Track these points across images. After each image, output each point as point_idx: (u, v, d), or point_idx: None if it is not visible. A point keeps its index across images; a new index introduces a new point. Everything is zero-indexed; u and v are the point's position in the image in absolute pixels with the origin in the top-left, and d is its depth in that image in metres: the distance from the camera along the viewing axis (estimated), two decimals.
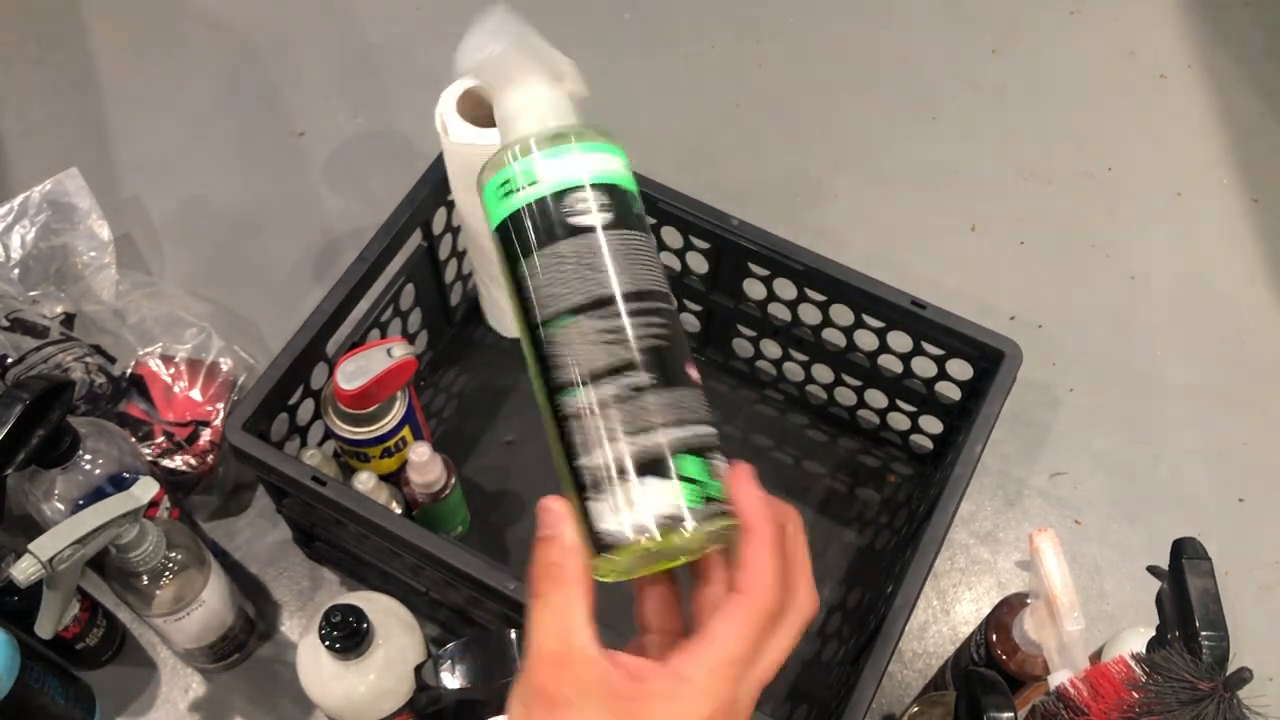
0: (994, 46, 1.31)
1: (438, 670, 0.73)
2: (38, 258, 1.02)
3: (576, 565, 0.36)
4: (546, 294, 0.38)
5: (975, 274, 1.13)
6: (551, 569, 0.36)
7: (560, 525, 0.36)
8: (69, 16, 1.31)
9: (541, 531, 0.36)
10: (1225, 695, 0.54)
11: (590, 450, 0.37)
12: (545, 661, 0.35)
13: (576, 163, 0.40)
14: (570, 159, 0.40)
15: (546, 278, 0.38)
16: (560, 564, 0.35)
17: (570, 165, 0.40)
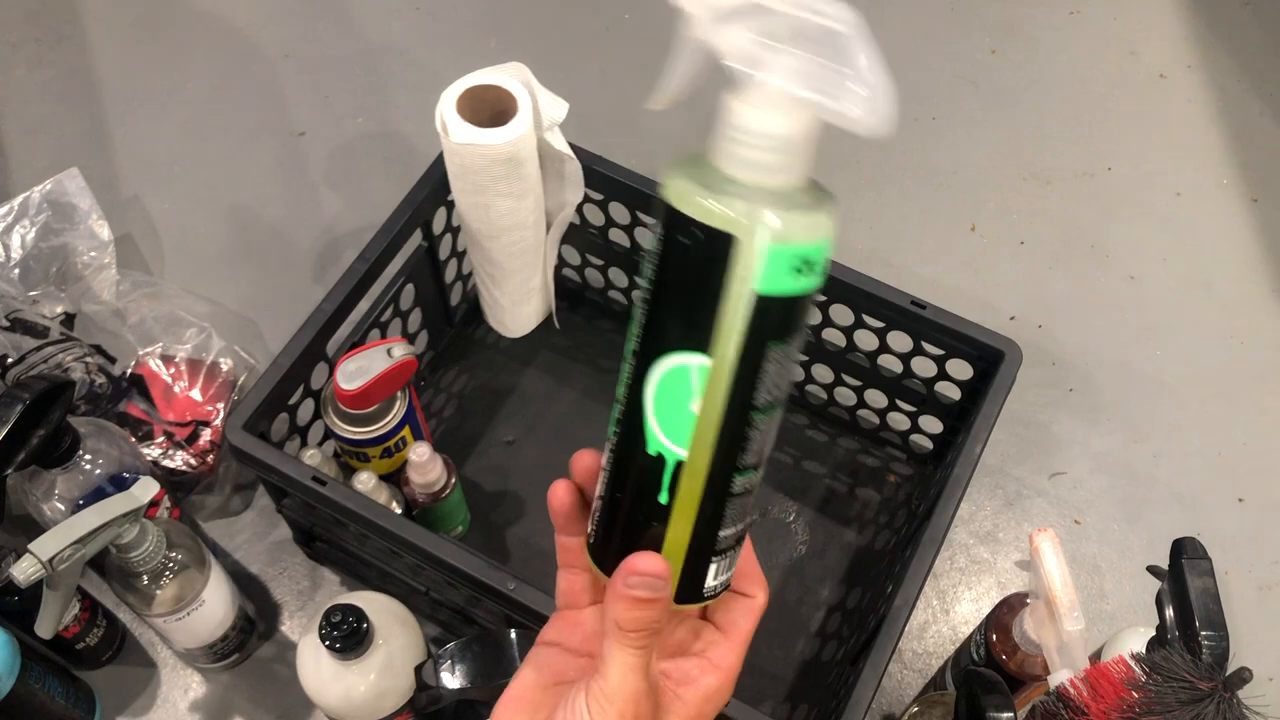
0: (994, 46, 1.31)
1: (438, 670, 0.73)
2: (38, 258, 1.02)
3: (666, 616, 0.39)
4: (774, 383, 0.36)
5: (975, 274, 1.13)
6: (652, 624, 0.38)
7: (666, 588, 0.38)
8: (69, 16, 1.32)
9: (643, 592, 0.38)
10: (1225, 695, 0.54)
11: (735, 523, 0.39)
12: (635, 697, 0.38)
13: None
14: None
15: (781, 368, 0.36)
16: (659, 620, 0.38)
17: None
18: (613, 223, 0.98)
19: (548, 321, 1.04)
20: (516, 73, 0.84)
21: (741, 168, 0.34)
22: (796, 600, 0.94)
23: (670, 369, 0.36)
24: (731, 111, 0.34)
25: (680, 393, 0.36)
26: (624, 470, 0.38)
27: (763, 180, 0.34)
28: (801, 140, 0.34)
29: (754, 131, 0.34)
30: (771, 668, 0.91)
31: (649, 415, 0.37)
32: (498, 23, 1.32)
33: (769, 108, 0.34)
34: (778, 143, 0.34)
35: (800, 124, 0.34)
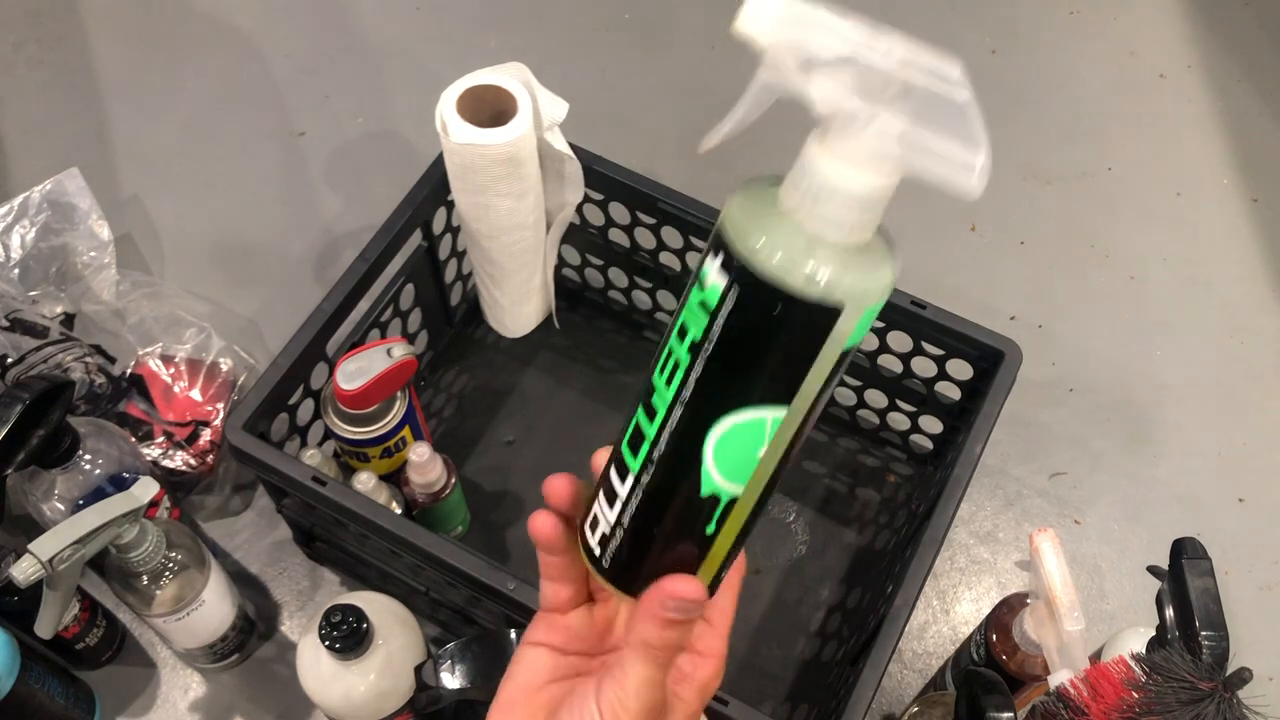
0: (994, 46, 1.31)
1: (438, 670, 0.73)
2: (38, 258, 1.02)
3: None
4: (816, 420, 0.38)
5: (975, 274, 1.13)
6: (680, 643, 0.39)
7: (700, 610, 0.39)
8: (69, 16, 1.31)
9: (679, 614, 0.38)
10: (1225, 695, 0.54)
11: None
12: (651, 710, 0.39)
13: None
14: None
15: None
16: (687, 638, 0.39)
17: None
18: (613, 223, 0.98)
19: (548, 321, 1.04)
20: (516, 73, 0.84)
21: (833, 229, 0.32)
22: (796, 600, 0.94)
23: (740, 424, 0.35)
24: (826, 170, 0.32)
25: (748, 441, 0.35)
26: (664, 507, 0.38)
27: (853, 240, 0.33)
28: (887, 198, 0.33)
29: (852, 194, 0.32)
30: (771, 668, 0.91)
31: (707, 462, 0.36)
32: (498, 23, 1.32)
33: (868, 168, 0.32)
34: (872, 203, 0.32)
35: (892, 183, 0.32)
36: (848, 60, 0.30)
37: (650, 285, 1.03)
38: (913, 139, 0.30)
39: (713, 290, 0.33)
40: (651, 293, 1.04)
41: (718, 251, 0.33)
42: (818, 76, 0.30)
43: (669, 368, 0.35)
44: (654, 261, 0.99)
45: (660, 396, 0.36)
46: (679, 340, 0.35)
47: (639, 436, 0.37)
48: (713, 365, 0.34)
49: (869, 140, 0.31)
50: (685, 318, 0.35)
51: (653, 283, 1.02)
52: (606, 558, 0.40)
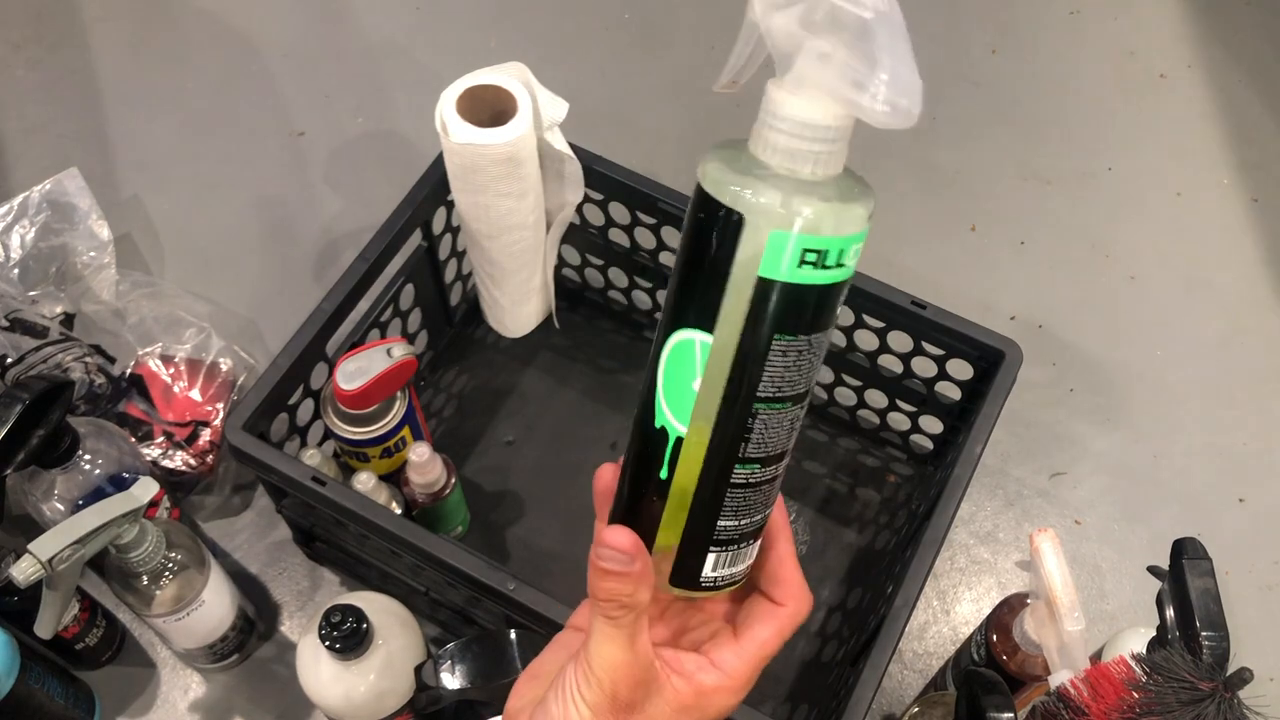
0: (994, 46, 1.31)
1: (438, 670, 0.73)
2: (38, 258, 1.02)
3: (646, 593, 0.39)
4: (784, 377, 0.37)
5: (975, 274, 1.13)
6: (625, 598, 0.38)
7: (635, 562, 0.38)
8: (69, 16, 1.31)
9: (609, 564, 0.38)
10: (1225, 695, 0.54)
11: (738, 516, 0.40)
12: (613, 667, 0.39)
13: (859, 251, 0.36)
14: (861, 245, 0.36)
15: (792, 361, 0.36)
16: (634, 594, 0.38)
17: (858, 255, 0.36)
18: (613, 223, 0.98)
19: (548, 321, 1.04)
20: (516, 73, 0.84)
21: (772, 154, 0.35)
22: None
23: (678, 343, 0.37)
24: (767, 97, 0.35)
25: (686, 370, 0.37)
26: (635, 441, 0.39)
27: (792, 168, 0.34)
28: (833, 131, 0.34)
29: (784, 117, 0.34)
30: (771, 668, 0.90)
31: (659, 388, 0.38)
32: (498, 23, 1.32)
33: (801, 95, 0.34)
34: (806, 130, 0.34)
35: (830, 114, 0.34)
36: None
37: (650, 285, 1.03)
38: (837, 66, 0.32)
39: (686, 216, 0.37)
40: (651, 293, 1.04)
41: (697, 188, 0.36)
42: (778, 13, 0.33)
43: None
44: (654, 261, 0.99)
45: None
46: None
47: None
48: (670, 284, 0.37)
49: (800, 64, 0.33)
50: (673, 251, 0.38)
51: (653, 283, 1.02)
52: (615, 514, 0.41)
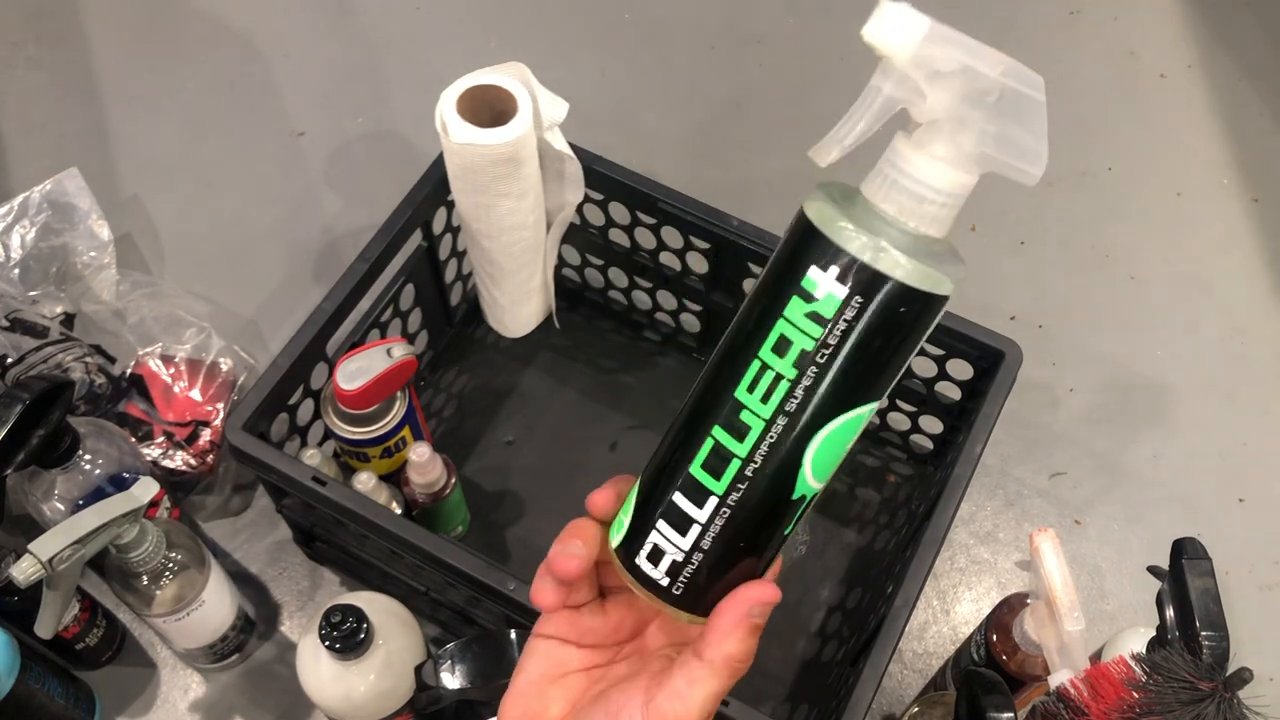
0: (994, 46, 1.31)
1: (438, 670, 0.73)
2: (38, 258, 1.02)
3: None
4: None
5: (975, 274, 1.13)
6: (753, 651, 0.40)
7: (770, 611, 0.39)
8: (69, 16, 1.31)
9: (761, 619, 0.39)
10: (1225, 695, 0.54)
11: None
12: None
13: None
14: None
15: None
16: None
17: None
18: (613, 223, 0.98)
19: (548, 321, 1.04)
20: (516, 73, 0.84)
21: (934, 226, 0.35)
22: (796, 600, 0.94)
23: (843, 423, 0.36)
24: (928, 170, 0.35)
25: (844, 438, 0.37)
26: (755, 521, 0.38)
27: (943, 234, 0.36)
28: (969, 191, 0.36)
29: (951, 191, 0.35)
30: (771, 668, 0.91)
31: (805, 468, 0.37)
32: (498, 23, 1.32)
33: (964, 166, 0.35)
34: (962, 199, 0.35)
35: (976, 177, 0.35)
36: (960, 71, 0.34)
37: (650, 285, 1.03)
38: (1001, 138, 0.34)
39: (828, 300, 0.35)
40: (651, 293, 1.04)
41: (826, 263, 0.35)
42: (936, 88, 0.34)
43: (763, 383, 0.36)
44: (654, 261, 0.99)
45: (752, 414, 0.36)
46: (776, 355, 0.36)
47: (723, 457, 0.37)
48: (828, 372, 0.35)
49: (968, 141, 0.34)
50: (784, 330, 0.35)
51: (653, 283, 1.02)
52: (678, 585, 0.39)
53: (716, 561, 0.38)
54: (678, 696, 0.38)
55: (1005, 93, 0.34)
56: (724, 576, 0.39)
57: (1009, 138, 0.34)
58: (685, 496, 0.38)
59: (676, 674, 0.38)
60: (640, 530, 0.39)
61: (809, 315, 0.35)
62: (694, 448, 0.38)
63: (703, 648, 0.38)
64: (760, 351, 0.36)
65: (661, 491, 0.39)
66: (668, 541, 0.38)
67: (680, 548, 0.38)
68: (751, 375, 0.36)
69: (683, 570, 0.39)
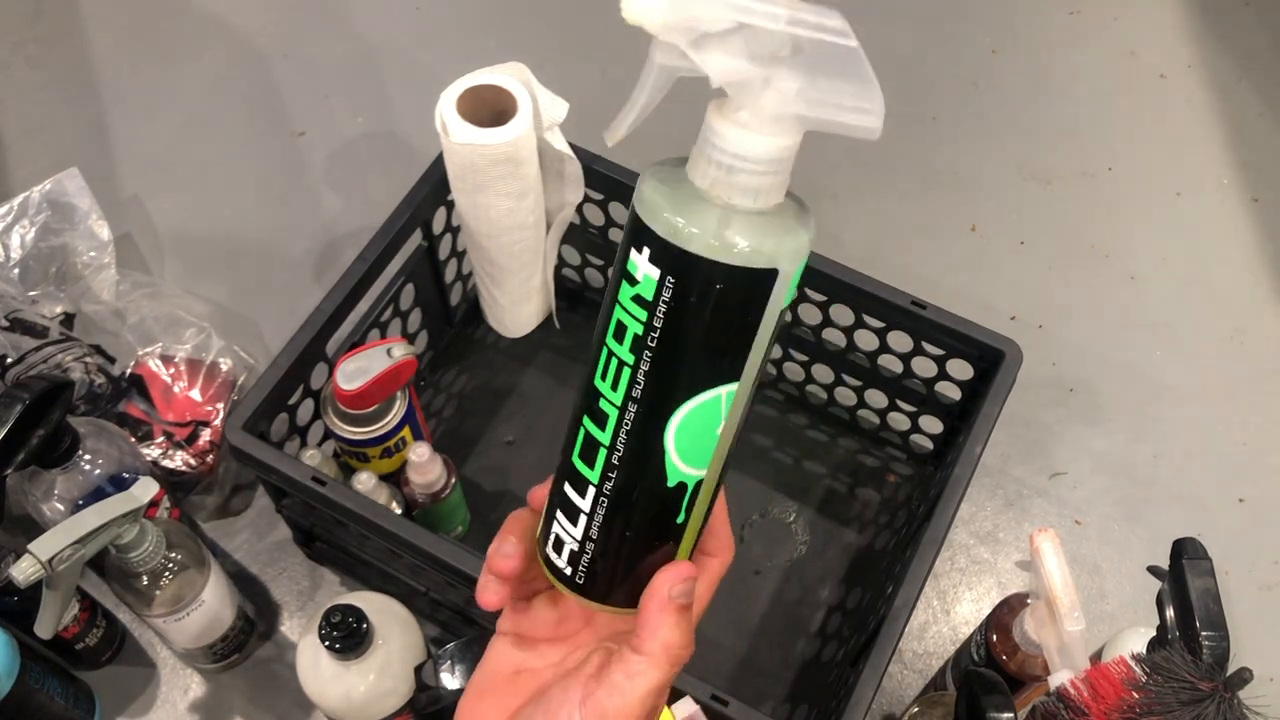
0: (994, 46, 1.31)
1: (438, 670, 0.73)
2: (38, 258, 1.02)
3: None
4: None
5: (975, 274, 1.13)
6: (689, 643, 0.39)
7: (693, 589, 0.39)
8: (68, 16, 1.31)
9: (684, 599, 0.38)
10: (1225, 695, 0.54)
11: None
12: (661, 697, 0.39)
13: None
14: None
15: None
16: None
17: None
18: (613, 223, 0.98)
19: (548, 321, 1.04)
20: (516, 73, 0.84)
21: (751, 196, 0.33)
22: (796, 600, 0.94)
23: (696, 407, 0.35)
24: (734, 139, 0.33)
25: (705, 423, 0.36)
26: (632, 508, 0.37)
27: (774, 203, 0.34)
28: (792, 154, 0.33)
29: (763, 159, 0.33)
30: (771, 668, 0.91)
31: (670, 453, 0.36)
32: (498, 23, 1.32)
33: (773, 130, 0.32)
34: (784, 164, 0.33)
35: (797, 139, 0.33)
36: (737, 28, 0.31)
37: None
38: (810, 93, 0.31)
39: (647, 282, 0.33)
40: None
41: (641, 244, 0.33)
42: (710, 49, 0.31)
43: (611, 370, 0.35)
44: None
45: (607, 401, 0.36)
46: (617, 341, 0.35)
47: (591, 445, 0.37)
48: (661, 356, 0.34)
49: (770, 102, 0.32)
50: (619, 316, 0.35)
51: None
52: (580, 574, 0.39)
53: (609, 551, 0.38)
54: (616, 691, 0.37)
55: (805, 45, 0.31)
56: (626, 566, 0.39)
57: (823, 90, 0.31)
58: (571, 486, 0.38)
59: (614, 668, 0.38)
60: (548, 521, 0.40)
61: (634, 299, 0.34)
62: (573, 438, 0.38)
63: (638, 641, 0.38)
64: (606, 338, 0.35)
65: (557, 482, 0.39)
66: (564, 531, 0.39)
67: (574, 536, 0.39)
68: (602, 363, 0.36)
69: (580, 559, 0.39)
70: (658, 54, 0.33)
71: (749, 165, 0.33)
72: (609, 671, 0.38)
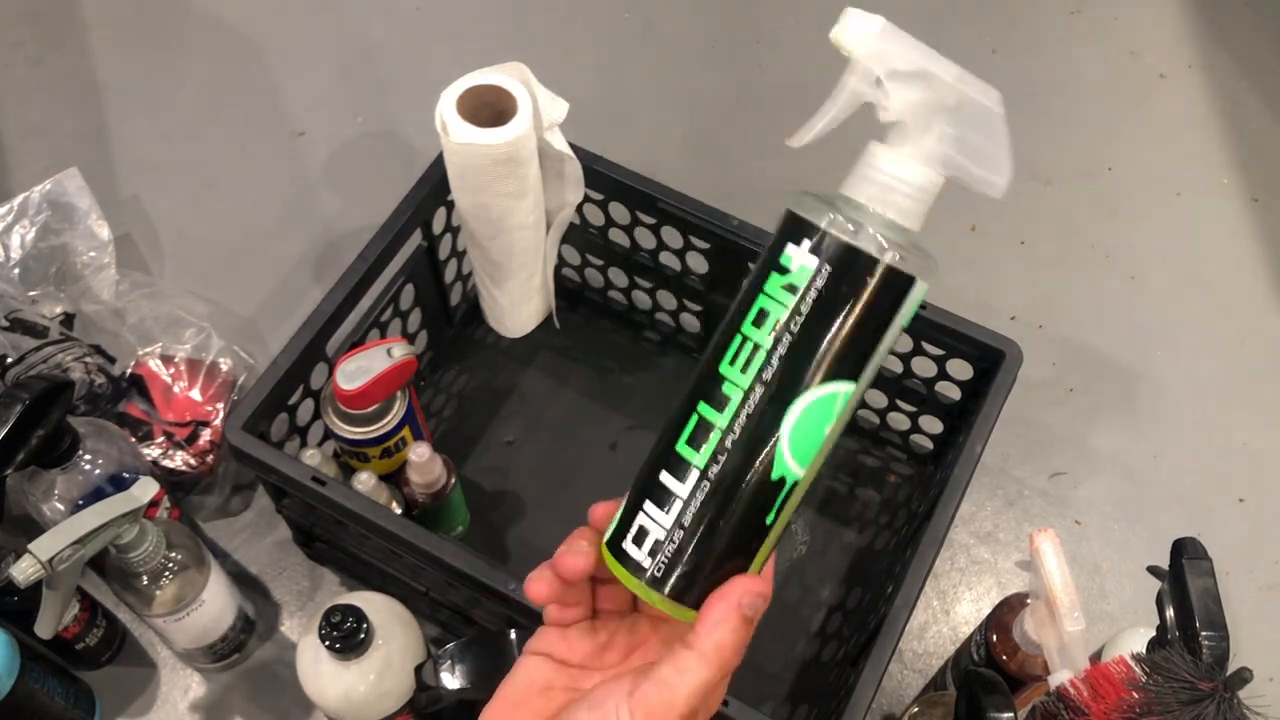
0: (994, 46, 1.31)
1: (438, 670, 0.73)
2: (38, 258, 1.02)
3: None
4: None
5: (975, 274, 1.13)
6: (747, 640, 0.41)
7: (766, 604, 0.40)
8: (69, 16, 1.31)
9: (753, 611, 0.40)
10: (1225, 695, 0.54)
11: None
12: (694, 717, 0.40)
13: None
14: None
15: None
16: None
17: None
18: (613, 223, 0.98)
19: (548, 321, 1.04)
20: (516, 73, 0.84)
21: (903, 215, 0.38)
22: (796, 600, 0.94)
23: (816, 400, 0.38)
24: (897, 163, 0.38)
25: (819, 418, 0.38)
26: (731, 497, 0.38)
27: (912, 227, 0.39)
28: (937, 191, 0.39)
29: (917, 184, 0.38)
30: (771, 668, 0.91)
31: (783, 443, 0.38)
32: (498, 23, 1.32)
33: (930, 164, 0.38)
34: (931, 195, 0.39)
35: (942, 179, 0.39)
36: (920, 73, 0.37)
37: (650, 285, 1.03)
38: (964, 143, 0.38)
39: (801, 271, 0.37)
40: (651, 293, 1.04)
41: (800, 237, 0.38)
42: (897, 85, 0.37)
43: (743, 355, 0.38)
44: (654, 261, 0.99)
45: (732, 385, 0.38)
46: (755, 327, 0.38)
47: (704, 429, 0.38)
48: (800, 340, 0.37)
49: (932, 140, 0.38)
50: (763, 304, 0.38)
51: (653, 283, 1.02)
52: (659, 566, 0.39)
53: (696, 543, 0.39)
54: (664, 684, 0.38)
55: (964, 101, 0.38)
56: (706, 563, 0.39)
57: (969, 143, 0.38)
58: (669, 473, 0.39)
59: (664, 664, 0.38)
60: (629, 515, 0.40)
61: (784, 287, 0.37)
62: (681, 425, 0.39)
63: (693, 638, 0.38)
64: (742, 326, 0.38)
65: (650, 472, 0.40)
66: (651, 520, 0.39)
67: (663, 525, 0.39)
68: (734, 349, 0.38)
69: (662, 549, 0.39)
70: (852, 78, 0.38)
71: (906, 188, 0.38)
72: (659, 667, 0.38)
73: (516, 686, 0.42)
